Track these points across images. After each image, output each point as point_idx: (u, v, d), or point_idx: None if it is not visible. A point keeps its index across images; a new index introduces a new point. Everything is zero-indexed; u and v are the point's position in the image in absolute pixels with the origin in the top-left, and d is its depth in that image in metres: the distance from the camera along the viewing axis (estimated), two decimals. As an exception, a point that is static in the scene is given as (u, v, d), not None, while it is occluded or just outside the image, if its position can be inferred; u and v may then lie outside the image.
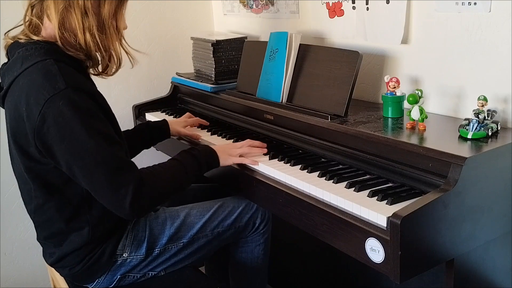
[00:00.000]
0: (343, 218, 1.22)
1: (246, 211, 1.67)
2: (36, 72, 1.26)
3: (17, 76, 1.29)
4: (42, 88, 1.23)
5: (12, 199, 2.23)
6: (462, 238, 1.19)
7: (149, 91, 2.51)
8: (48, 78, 1.24)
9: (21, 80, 1.28)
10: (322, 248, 1.90)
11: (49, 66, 1.26)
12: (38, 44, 1.31)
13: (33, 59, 1.28)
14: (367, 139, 1.40)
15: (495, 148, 1.25)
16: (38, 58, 1.28)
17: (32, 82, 1.25)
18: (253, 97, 1.88)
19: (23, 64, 1.28)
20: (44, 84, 1.23)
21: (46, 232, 1.45)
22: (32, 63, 1.27)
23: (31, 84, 1.25)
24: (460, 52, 1.50)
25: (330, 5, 1.89)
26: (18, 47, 1.33)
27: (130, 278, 1.50)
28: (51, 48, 1.31)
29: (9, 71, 1.33)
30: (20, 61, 1.30)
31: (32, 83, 1.25)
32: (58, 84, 1.23)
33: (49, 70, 1.26)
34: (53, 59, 1.28)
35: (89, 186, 1.28)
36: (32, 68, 1.27)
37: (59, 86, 1.23)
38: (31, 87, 1.25)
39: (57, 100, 1.22)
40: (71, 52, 1.33)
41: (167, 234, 1.53)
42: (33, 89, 1.24)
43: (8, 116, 1.35)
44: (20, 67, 1.29)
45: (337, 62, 1.61)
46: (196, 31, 2.50)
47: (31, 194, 1.40)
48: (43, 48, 1.30)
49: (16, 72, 1.29)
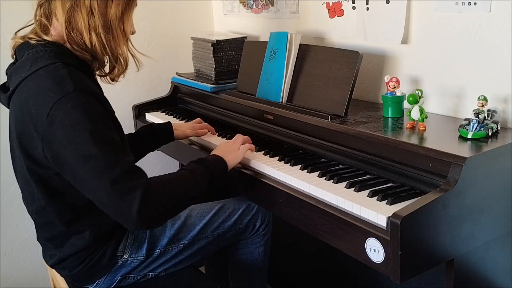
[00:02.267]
0: (343, 218, 1.22)
1: (246, 213, 1.67)
2: (45, 75, 1.25)
3: (25, 78, 1.28)
4: (51, 90, 1.23)
5: (12, 199, 2.23)
6: (462, 238, 1.19)
7: (149, 91, 2.51)
8: (56, 81, 1.24)
9: (29, 82, 1.27)
10: (322, 248, 1.90)
11: (58, 70, 1.26)
12: (48, 47, 1.31)
13: (42, 62, 1.28)
14: (367, 139, 1.40)
15: (495, 148, 1.25)
16: (48, 61, 1.28)
17: (41, 85, 1.25)
18: (253, 97, 1.88)
19: (32, 66, 1.28)
20: (52, 87, 1.23)
21: (47, 233, 1.45)
22: (42, 65, 1.27)
23: (40, 87, 1.25)
24: (460, 52, 1.50)
25: (330, 5, 1.89)
26: (27, 48, 1.33)
27: (131, 279, 1.50)
28: (60, 51, 1.31)
29: (17, 71, 1.32)
30: (30, 63, 1.29)
31: (41, 86, 1.25)
32: (66, 87, 1.22)
33: (58, 73, 1.25)
34: (62, 62, 1.28)
35: (93, 194, 1.23)
36: (41, 71, 1.26)
37: (67, 89, 1.22)
38: (40, 90, 1.24)
39: (65, 102, 1.21)
40: (78, 52, 1.32)
41: (167, 235, 1.53)
42: (41, 91, 1.24)
43: (14, 117, 1.34)
44: (29, 69, 1.28)
45: (337, 62, 1.61)
46: (196, 31, 2.50)
47: (33, 195, 1.40)
48: (53, 51, 1.30)
49: (25, 73, 1.29)
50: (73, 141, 1.20)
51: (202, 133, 1.85)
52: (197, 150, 1.82)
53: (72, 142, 1.21)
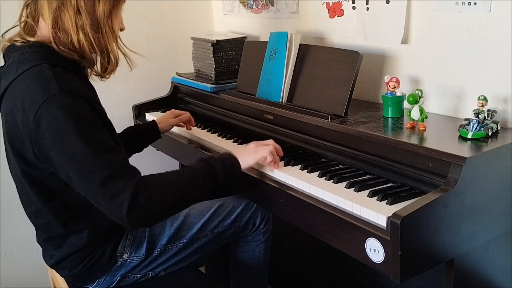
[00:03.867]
0: (343, 218, 1.22)
1: (246, 210, 1.67)
2: (31, 77, 1.24)
3: (12, 81, 1.27)
4: (36, 93, 1.21)
5: (12, 199, 2.23)
6: (462, 238, 1.19)
7: (149, 91, 2.50)
8: (42, 83, 1.22)
9: (16, 85, 1.26)
10: (322, 248, 1.90)
11: (43, 71, 1.25)
12: (34, 48, 1.29)
13: (28, 64, 1.26)
14: (367, 139, 1.40)
15: (495, 148, 1.25)
16: (33, 62, 1.26)
17: (27, 87, 1.24)
18: (253, 97, 1.88)
19: (19, 69, 1.27)
20: (38, 89, 1.22)
21: (45, 235, 1.45)
22: (27, 67, 1.26)
23: (26, 89, 1.24)
24: (460, 52, 1.50)
25: (330, 5, 1.89)
26: (13, 50, 1.32)
27: (130, 278, 1.50)
28: (46, 52, 1.29)
29: (5, 75, 1.31)
30: (16, 66, 1.28)
31: (27, 88, 1.24)
32: (51, 89, 1.21)
33: (43, 75, 1.24)
34: (48, 63, 1.26)
35: (86, 193, 1.24)
36: (27, 73, 1.25)
37: (52, 91, 1.21)
38: (26, 92, 1.23)
39: (51, 104, 1.20)
40: (65, 53, 1.31)
41: (167, 235, 1.53)
42: (27, 94, 1.23)
43: (4, 121, 1.33)
44: (15, 72, 1.27)
45: (337, 62, 1.61)
46: (196, 31, 2.50)
47: (29, 198, 1.39)
48: (38, 52, 1.29)
49: (12, 76, 1.28)
50: (61, 143, 1.20)
51: (185, 118, 1.87)
52: (197, 150, 1.82)
53: (59, 144, 1.20)
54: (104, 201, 1.20)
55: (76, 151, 1.19)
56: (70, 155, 1.20)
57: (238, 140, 1.78)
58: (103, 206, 1.22)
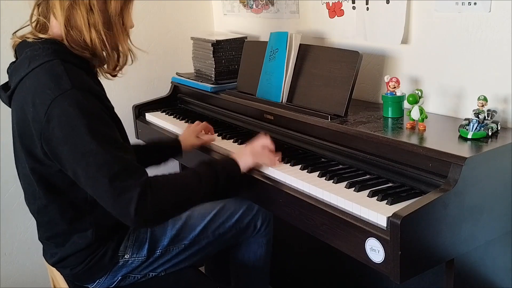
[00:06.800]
0: (343, 218, 1.22)
1: (247, 213, 1.67)
2: (43, 73, 1.25)
3: (24, 76, 1.28)
4: (48, 88, 1.22)
5: (12, 199, 2.23)
6: (462, 238, 1.19)
7: (149, 91, 2.50)
8: (54, 78, 1.24)
9: (27, 80, 1.27)
10: (322, 248, 1.90)
11: (55, 67, 1.26)
12: (46, 44, 1.30)
13: (40, 60, 1.27)
14: (367, 139, 1.40)
15: (495, 148, 1.25)
16: (45, 58, 1.27)
17: (39, 83, 1.25)
18: (253, 97, 1.88)
19: (30, 65, 1.28)
20: (50, 84, 1.23)
21: (48, 232, 1.45)
22: (39, 63, 1.27)
23: (38, 85, 1.25)
24: (460, 52, 1.50)
25: (330, 5, 1.89)
26: (25, 46, 1.32)
27: (131, 278, 1.50)
28: (58, 49, 1.30)
29: (16, 71, 1.32)
30: (28, 61, 1.29)
31: (39, 84, 1.25)
32: (63, 85, 1.22)
33: (55, 70, 1.25)
34: (60, 59, 1.27)
35: (92, 190, 1.24)
36: (39, 69, 1.26)
37: (64, 87, 1.22)
38: (37, 88, 1.24)
39: (62, 100, 1.21)
40: (77, 50, 1.32)
41: (168, 236, 1.53)
42: (39, 89, 1.24)
43: (15, 116, 1.34)
44: (27, 68, 1.28)
45: (337, 62, 1.61)
46: (196, 31, 2.50)
47: (35, 194, 1.40)
48: (50, 48, 1.30)
49: (23, 72, 1.29)
50: (71, 139, 1.21)
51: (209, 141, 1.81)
52: (197, 150, 1.82)
53: (70, 139, 1.21)
54: (111, 198, 1.20)
55: (86, 148, 1.19)
56: (80, 152, 1.20)
57: (238, 140, 1.78)
58: (109, 203, 1.22)
